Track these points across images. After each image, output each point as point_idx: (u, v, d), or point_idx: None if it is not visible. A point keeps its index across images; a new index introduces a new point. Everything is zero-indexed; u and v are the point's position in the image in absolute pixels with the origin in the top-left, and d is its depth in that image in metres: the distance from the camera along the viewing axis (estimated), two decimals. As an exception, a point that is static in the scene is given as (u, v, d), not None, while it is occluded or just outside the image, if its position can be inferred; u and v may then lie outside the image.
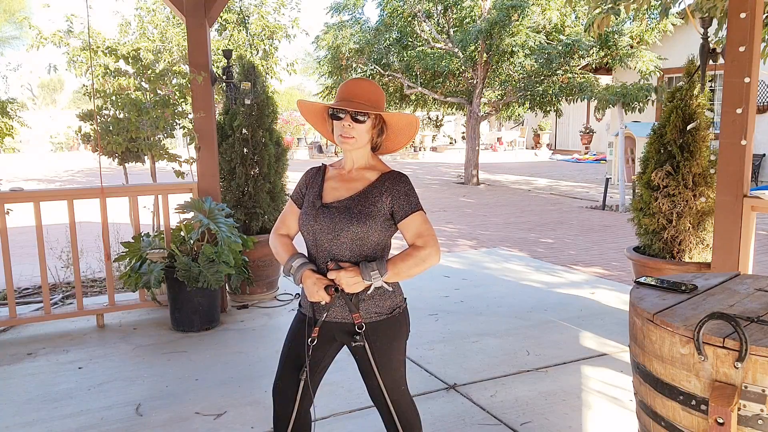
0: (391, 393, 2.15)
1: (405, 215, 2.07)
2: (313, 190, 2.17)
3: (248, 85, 5.12)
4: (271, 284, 5.36)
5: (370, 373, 2.12)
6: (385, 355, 2.11)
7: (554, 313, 4.83)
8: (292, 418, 2.16)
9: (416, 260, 2.04)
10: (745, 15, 3.55)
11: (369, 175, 2.13)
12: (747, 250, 3.74)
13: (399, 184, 2.09)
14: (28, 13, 25.52)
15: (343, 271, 2.00)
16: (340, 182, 2.15)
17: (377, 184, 2.10)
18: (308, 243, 2.15)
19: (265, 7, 11.05)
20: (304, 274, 2.07)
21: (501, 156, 23.33)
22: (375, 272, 2.00)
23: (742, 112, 3.62)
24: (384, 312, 2.09)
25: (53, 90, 48.40)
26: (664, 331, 1.87)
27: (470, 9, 13.92)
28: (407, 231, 2.08)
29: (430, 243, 2.05)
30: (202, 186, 4.77)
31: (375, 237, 2.06)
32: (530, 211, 10.67)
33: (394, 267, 2.03)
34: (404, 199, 2.08)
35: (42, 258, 4.43)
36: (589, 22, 5.83)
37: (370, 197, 2.07)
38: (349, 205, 2.07)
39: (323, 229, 2.07)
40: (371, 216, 2.04)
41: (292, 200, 2.25)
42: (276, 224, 2.30)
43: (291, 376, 2.15)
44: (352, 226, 2.03)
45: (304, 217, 2.14)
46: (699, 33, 4.24)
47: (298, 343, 2.13)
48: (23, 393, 3.53)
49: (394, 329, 2.13)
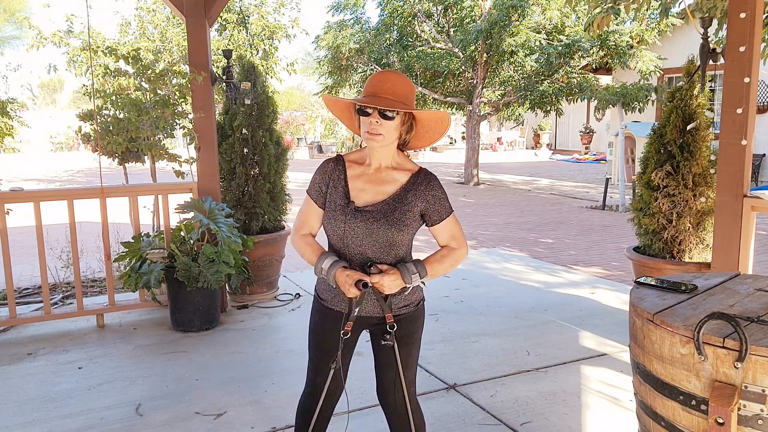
0: (408, 387, 2.17)
1: (440, 220, 2.09)
2: (338, 189, 2.07)
3: (248, 85, 5.12)
4: (271, 284, 5.37)
5: (391, 365, 2.13)
6: (407, 347, 2.14)
7: (554, 313, 4.83)
8: (332, 411, 2.22)
9: (452, 261, 2.11)
10: (745, 15, 3.55)
11: (399, 176, 2.07)
12: (747, 250, 3.74)
13: (433, 189, 2.07)
14: (28, 13, 25.54)
15: (385, 275, 1.99)
16: (368, 183, 2.07)
17: (410, 187, 2.05)
18: (334, 242, 2.09)
19: (265, 7, 11.05)
20: (337, 273, 2.00)
21: (501, 156, 23.33)
22: (416, 275, 2.02)
23: (742, 112, 3.61)
24: (413, 304, 2.14)
25: (53, 90, 48.36)
26: (664, 331, 1.87)
27: (470, 9, 13.92)
28: (441, 233, 2.12)
29: (463, 244, 2.15)
30: (202, 186, 4.77)
31: (407, 240, 2.08)
32: (530, 211, 10.67)
33: (432, 268, 2.07)
34: (439, 204, 2.08)
35: (42, 258, 4.43)
36: (589, 22, 5.84)
37: (404, 202, 2.04)
38: (384, 210, 2.02)
39: (356, 233, 2.02)
40: (407, 222, 2.04)
41: (311, 198, 2.14)
42: (296, 224, 2.19)
43: (327, 371, 2.13)
44: (389, 231, 2.01)
45: (332, 218, 2.06)
46: (699, 33, 4.24)
47: (329, 338, 2.12)
48: (23, 393, 3.53)
49: (417, 320, 2.18)
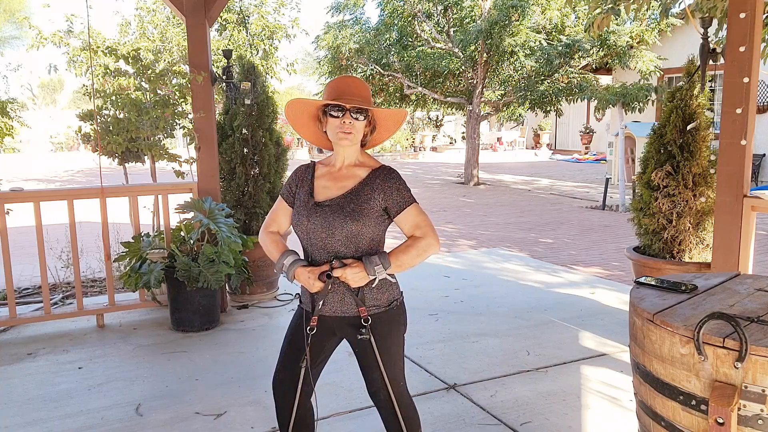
0: (393, 386, 2.16)
1: (400, 210, 2.11)
2: (304, 188, 2.19)
3: (248, 85, 5.12)
4: (271, 284, 5.37)
5: (373, 366, 2.14)
6: (384, 346, 2.13)
7: (554, 313, 4.83)
8: (294, 409, 2.18)
9: (417, 250, 2.09)
10: (745, 15, 3.55)
11: (359, 172, 2.15)
12: (747, 250, 3.74)
13: (389, 180, 2.12)
14: (28, 13, 25.55)
15: (348, 268, 2.03)
16: (331, 180, 2.17)
17: (368, 181, 2.12)
18: (302, 240, 2.17)
19: (265, 7, 11.07)
20: (297, 271, 2.09)
21: (501, 156, 23.32)
22: (379, 266, 2.04)
23: (742, 112, 3.61)
24: (382, 305, 2.13)
25: (53, 90, 48.35)
26: (664, 331, 1.87)
27: (470, 9, 13.93)
28: (404, 224, 2.13)
29: (429, 233, 2.11)
30: (202, 186, 4.77)
31: (369, 233, 2.09)
32: (530, 211, 10.67)
33: (397, 259, 2.07)
34: (397, 194, 2.11)
35: (42, 258, 4.43)
36: (589, 22, 5.84)
37: (362, 195, 2.09)
38: (341, 203, 2.09)
39: (317, 228, 2.09)
40: (364, 213, 2.07)
41: (282, 198, 2.26)
42: (266, 221, 2.29)
43: (291, 367, 2.17)
44: (346, 224, 2.05)
45: (297, 215, 2.16)
46: (699, 33, 4.24)
47: (297, 336, 2.15)
48: (23, 393, 3.53)
49: (391, 321, 2.16)
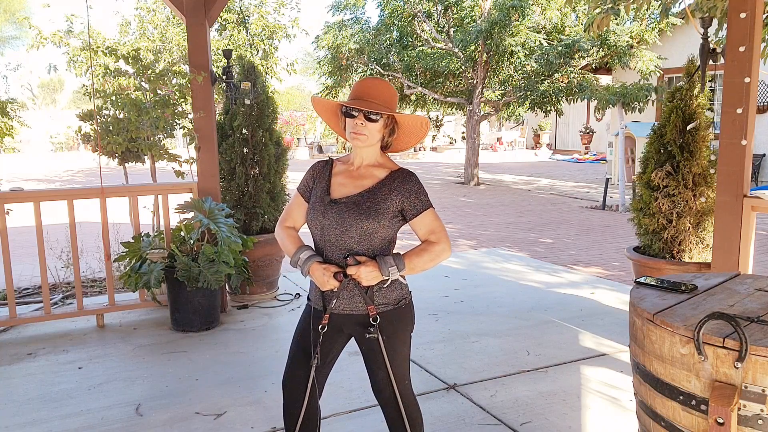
0: (399, 385, 2.16)
1: (417, 213, 2.13)
2: (321, 184, 2.20)
3: (248, 85, 5.12)
4: (271, 284, 5.37)
5: (379, 365, 2.15)
6: (391, 344, 2.14)
7: (554, 313, 4.83)
8: (302, 408, 2.18)
9: (431, 255, 2.12)
10: (745, 15, 3.55)
11: (378, 172, 2.17)
12: (747, 250, 3.74)
13: (408, 183, 2.14)
14: (28, 13, 25.53)
15: (362, 266, 2.04)
16: (348, 178, 2.18)
17: (386, 181, 2.14)
18: (315, 236, 2.18)
19: (265, 7, 11.06)
20: (312, 267, 2.10)
21: (501, 156, 23.32)
22: (393, 267, 2.06)
23: (742, 112, 3.61)
24: (390, 303, 2.14)
25: (53, 90, 48.34)
26: (664, 331, 1.87)
27: (470, 9, 13.92)
28: (420, 228, 2.15)
29: (443, 239, 2.14)
30: (202, 186, 4.77)
31: (383, 232, 2.10)
32: (530, 211, 10.67)
33: (411, 262, 2.10)
34: (415, 197, 2.13)
35: (42, 258, 4.43)
36: (589, 22, 5.84)
37: (379, 194, 2.11)
38: (357, 201, 2.11)
39: (331, 224, 2.10)
40: (380, 212, 2.08)
41: (298, 192, 2.28)
42: (282, 216, 2.32)
43: (301, 366, 2.17)
44: (360, 221, 2.07)
45: (312, 211, 2.17)
46: (699, 33, 4.24)
47: (307, 335, 2.16)
48: (23, 393, 3.53)
49: (399, 320, 2.17)
